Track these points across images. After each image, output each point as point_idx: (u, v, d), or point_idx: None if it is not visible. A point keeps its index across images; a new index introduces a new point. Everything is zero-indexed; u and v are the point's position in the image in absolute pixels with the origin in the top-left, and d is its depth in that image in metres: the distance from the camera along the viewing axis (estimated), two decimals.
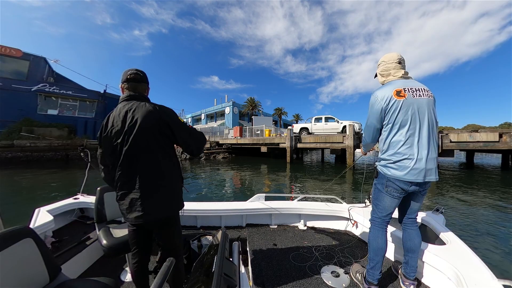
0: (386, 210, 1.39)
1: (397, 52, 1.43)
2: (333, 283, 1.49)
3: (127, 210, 1.11)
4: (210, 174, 10.89)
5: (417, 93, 1.26)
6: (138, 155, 1.09)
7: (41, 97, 17.91)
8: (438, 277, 1.37)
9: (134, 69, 1.19)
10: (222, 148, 20.62)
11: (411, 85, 1.29)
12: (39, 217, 1.86)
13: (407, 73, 1.40)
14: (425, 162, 1.22)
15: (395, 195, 1.32)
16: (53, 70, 19.84)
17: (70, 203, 2.36)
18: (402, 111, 1.25)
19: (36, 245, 1.02)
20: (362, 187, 1.57)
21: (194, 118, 44.07)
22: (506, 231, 3.76)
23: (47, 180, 8.52)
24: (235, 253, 1.03)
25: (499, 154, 14.09)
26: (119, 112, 1.12)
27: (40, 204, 2.14)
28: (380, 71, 1.49)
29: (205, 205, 2.38)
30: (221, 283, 0.65)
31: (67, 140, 16.38)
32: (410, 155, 1.23)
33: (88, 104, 20.47)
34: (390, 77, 1.41)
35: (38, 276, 1.00)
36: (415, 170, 1.21)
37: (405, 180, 1.24)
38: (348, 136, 11.85)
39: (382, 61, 1.48)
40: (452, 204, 5.40)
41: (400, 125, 1.26)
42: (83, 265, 1.75)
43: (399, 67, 1.40)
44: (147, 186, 1.10)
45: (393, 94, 1.28)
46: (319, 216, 2.39)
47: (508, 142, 9.09)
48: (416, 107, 1.24)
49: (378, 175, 1.41)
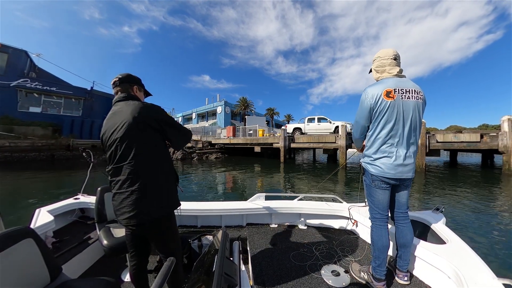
0: (382, 203, 1.43)
1: (393, 48, 1.42)
2: (333, 282, 1.50)
3: (117, 211, 1.10)
4: (204, 175, 10.76)
5: (406, 95, 1.30)
6: (127, 154, 1.06)
7: (21, 93, 16.75)
8: (438, 276, 1.38)
9: (119, 74, 1.25)
10: (214, 148, 20.41)
11: (403, 86, 1.31)
12: (40, 217, 1.84)
13: (401, 70, 1.41)
14: (402, 160, 1.31)
15: (383, 187, 1.40)
16: (35, 64, 18.69)
17: (70, 203, 2.34)
18: (388, 111, 1.30)
19: (36, 245, 1.01)
20: (360, 184, 1.61)
21: (185, 117, 43.31)
22: (505, 229, 3.88)
23: (30, 183, 8.01)
24: (235, 252, 1.04)
25: (479, 154, 14.98)
26: (111, 113, 1.17)
27: (23, 212, 2.07)
28: (375, 66, 1.48)
29: (205, 205, 2.39)
30: (222, 282, 0.65)
31: (51, 140, 15.50)
32: (389, 153, 1.33)
33: (73, 101, 19.44)
34: (385, 73, 1.41)
35: (39, 276, 1.00)
36: (393, 167, 1.31)
37: (384, 176, 1.34)
38: (341, 136, 12.11)
39: (377, 57, 1.46)
40: (448, 202, 5.60)
41: (384, 125, 1.32)
42: (84, 265, 1.75)
43: (394, 63, 1.39)
44: (137, 186, 1.06)
45: (383, 94, 1.31)
46: (320, 216, 2.40)
47: (488, 142, 9.67)
48: (402, 109, 1.29)
49: (365, 172, 1.48)
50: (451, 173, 10.77)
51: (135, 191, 1.05)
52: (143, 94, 1.35)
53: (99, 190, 1.81)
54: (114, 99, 1.20)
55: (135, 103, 1.12)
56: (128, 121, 1.06)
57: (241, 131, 20.77)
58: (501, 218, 4.45)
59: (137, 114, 1.07)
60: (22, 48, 17.33)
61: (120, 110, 1.12)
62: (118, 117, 1.10)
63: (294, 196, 2.56)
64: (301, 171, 11.43)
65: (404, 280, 1.45)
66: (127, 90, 1.21)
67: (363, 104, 1.40)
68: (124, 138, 1.06)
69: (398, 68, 1.39)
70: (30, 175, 9.45)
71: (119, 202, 1.08)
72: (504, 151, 9.20)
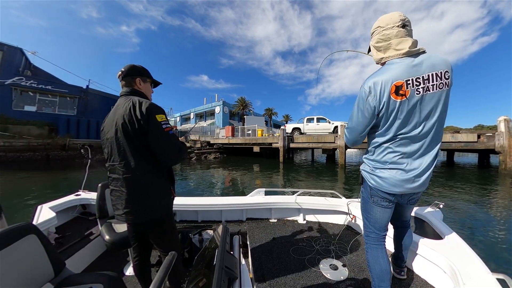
0: (379, 223, 1.16)
1: (399, 12, 0.99)
2: (331, 276, 1.52)
3: (114, 206, 1.13)
4: (203, 175, 10.70)
5: (425, 86, 0.91)
6: (119, 154, 1.05)
7: (16, 91, 16.47)
8: (433, 270, 1.40)
9: (123, 67, 1.20)
10: (213, 148, 20.33)
11: (419, 72, 0.91)
12: (42, 214, 1.85)
13: (415, 43, 0.96)
14: (413, 176, 0.98)
15: (383, 205, 1.11)
16: (30, 62, 18.44)
17: (72, 199, 2.35)
18: (398, 114, 0.95)
19: (39, 241, 1.03)
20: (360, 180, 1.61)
21: (183, 117, 43.08)
22: (502, 226, 3.94)
23: (25, 184, 7.85)
24: (235, 246, 1.05)
25: (474, 154, 15.17)
26: (113, 108, 1.15)
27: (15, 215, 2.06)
28: (375, 42, 1.04)
29: (206, 200, 2.42)
30: (223, 275, 0.67)
31: (47, 139, 15.23)
32: (398, 165, 1.00)
33: (68, 100, 19.16)
34: (390, 51, 0.99)
35: (43, 271, 1.02)
36: (399, 183, 1.01)
37: (386, 192, 1.05)
38: (340, 136, 12.15)
39: (377, 27, 1.02)
40: (445, 200, 5.69)
41: (393, 131, 0.98)
42: (86, 260, 1.78)
43: (403, 33, 0.96)
44: (129, 187, 1.05)
45: (391, 91, 0.93)
46: (318, 211, 2.44)
47: (485, 142, 9.79)
48: (420, 108, 0.93)
49: (363, 182, 1.17)
50: (448, 172, 10.87)
51: (127, 192, 1.05)
52: (150, 84, 1.28)
53: (100, 186, 1.82)
54: (120, 92, 1.19)
55: (131, 102, 1.06)
56: (119, 121, 1.04)
57: (240, 131, 20.74)
58: (498, 216, 4.52)
59: (127, 115, 1.03)
60: (17, 46, 17.07)
61: (118, 107, 1.11)
62: (114, 115, 1.09)
63: (294, 192, 2.58)
64: (300, 171, 11.44)
65: (400, 275, 1.45)
66: (131, 84, 1.18)
67: (361, 105, 1.02)
68: (114, 138, 1.05)
69: (411, 40, 0.95)
70: (24, 175, 9.27)
71: (115, 198, 1.10)
72: (500, 151, 9.33)
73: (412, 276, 1.49)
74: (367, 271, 1.52)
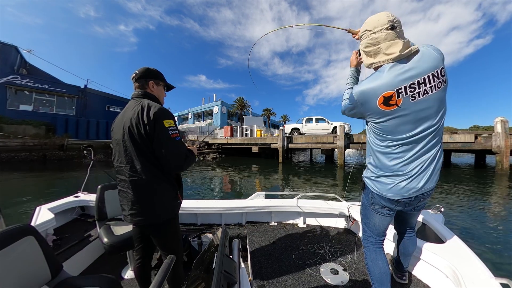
0: (378, 229, 1.17)
1: (387, 12, 0.92)
2: (332, 281, 1.51)
3: (121, 207, 1.14)
4: (202, 175, 10.63)
5: (421, 91, 0.87)
6: (126, 157, 1.06)
7: (11, 90, 16.16)
8: (436, 275, 1.38)
9: (137, 69, 1.20)
10: (211, 148, 20.24)
11: (413, 77, 0.87)
12: (40, 215, 1.84)
13: (408, 44, 0.90)
14: (416, 182, 0.96)
15: (384, 213, 1.10)
16: (26, 61, 18.16)
17: (70, 201, 2.34)
18: (393, 120, 0.92)
19: (37, 243, 1.02)
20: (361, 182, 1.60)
21: (180, 117, 42.86)
22: (503, 229, 3.89)
23: (18, 185, 7.70)
24: (235, 250, 1.04)
25: (470, 154, 15.33)
26: (124, 109, 1.15)
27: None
28: (364, 47, 0.99)
29: (205, 203, 2.40)
30: (221, 280, 0.66)
31: (44, 139, 14.98)
32: (399, 172, 0.97)
33: (66, 100, 18.91)
34: (380, 56, 0.93)
35: (40, 273, 1.01)
36: (403, 190, 0.98)
37: (389, 198, 1.01)
38: (339, 137, 12.17)
39: (364, 30, 0.97)
40: (445, 201, 5.66)
41: (389, 137, 0.97)
42: (84, 263, 1.76)
43: (392, 35, 0.89)
44: (135, 190, 1.06)
45: (378, 103, 0.90)
46: (319, 214, 2.42)
47: (483, 142, 9.89)
48: (418, 112, 0.89)
49: (365, 188, 1.15)
50: (446, 173, 10.96)
51: (133, 194, 1.06)
52: (164, 87, 1.28)
53: (100, 188, 1.80)
54: (132, 94, 1.19)
55: (140, 105, 1.06)
56: (126, 124, 1.04)
57: (239, 131, 20.68)
58: (498, 217, 4.50)
59: (135, 119, 1.03)
60: (12, 44, 16.79)
61: (127, 109, 1.11)
62: (123, 116, 1.10)
63: (294, 195, 2.56)
64: (300, 172, 11.42)
65: (402, 280, 1.43)
66: (143, 87, 1.17)
67: (353, 107, 1.05)
68: (121, 141, 1.06)
69: (401, 43, 0.88)
70: (18, 175, 9.10)
71: (122, 198, 1.12)
72: (497, 151, 9.43)
73: (414, 281, 1.47)
74: (368, 275, 1.51)
